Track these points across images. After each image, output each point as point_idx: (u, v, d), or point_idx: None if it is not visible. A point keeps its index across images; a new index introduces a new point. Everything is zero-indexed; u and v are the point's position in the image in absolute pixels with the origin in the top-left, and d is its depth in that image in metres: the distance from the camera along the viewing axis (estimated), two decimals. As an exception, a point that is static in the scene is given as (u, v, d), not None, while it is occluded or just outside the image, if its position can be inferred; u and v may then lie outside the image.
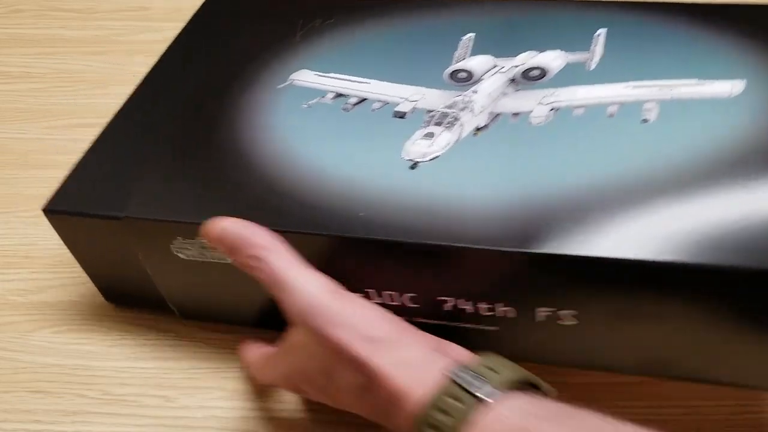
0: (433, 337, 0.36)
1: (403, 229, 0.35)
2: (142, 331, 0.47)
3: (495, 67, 0.44)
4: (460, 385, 0.30)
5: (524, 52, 0.45)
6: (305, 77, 0.46)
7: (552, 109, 0.40)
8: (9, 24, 0.73)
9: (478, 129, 0.40)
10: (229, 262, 0.38)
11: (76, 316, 0.48)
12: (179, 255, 0.40)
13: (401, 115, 0.42)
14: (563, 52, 0.44)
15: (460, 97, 0.42)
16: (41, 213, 0.42)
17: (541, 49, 0.45)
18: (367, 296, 0.38)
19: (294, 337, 0.37)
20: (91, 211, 0.41)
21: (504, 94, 0.42)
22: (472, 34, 0.47)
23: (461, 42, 0.46)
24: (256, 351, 0.42)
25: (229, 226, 0.36)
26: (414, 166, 0.38)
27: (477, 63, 0.44)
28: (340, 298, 0.35)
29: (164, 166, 0.42)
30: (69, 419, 0.43)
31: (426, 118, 0.41)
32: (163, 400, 0.44)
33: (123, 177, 0.42)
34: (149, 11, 0.74)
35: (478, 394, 0.30)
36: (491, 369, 0.32)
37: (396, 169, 0.38)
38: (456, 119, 0.40)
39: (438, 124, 0.40)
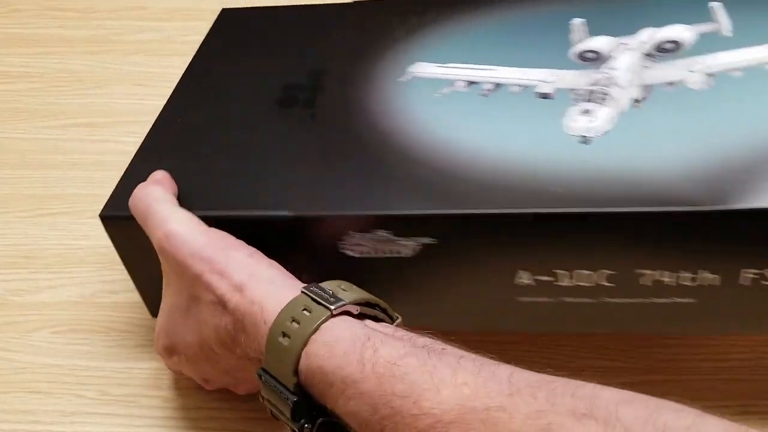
0: None
1: (601, 199, 0.35)
2: (141, 332, 0.47)
3: (620, 45, 0.44)
4: (312, 298, 0.33)
5: (641, 29, 0.44)
6: (426, 69, 0.46)
7: (708, 75, 0.40)
8: (9, 24, 0.73)
9: (636, 101, 0.40)
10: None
11: (76, 317, 0.48)
12: (348, 253, 0.39)
13: (546, 96, 0.41)
14: (687, 25, 0.44)
15: (599, 75, 0.42)
16: (41, 213, 0.42)
17: (658, 25, 0.44)
18: (556, 277, 0.37)
19: (164, 280, 0.39)
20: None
21: (645, 67, 0.42)
22: (582, 19, 0.46)
23: (573, 26, 0.46)
24: None
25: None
26: (586, 141, 0.38)
27: (602, 43, 0.44)
28: (203, 231, 0.37)
29: (313, 163, 0.41)
30: (68, 419, 0.43)
31: (572, 96, 0.41)
32: (161, 400, 0.44)
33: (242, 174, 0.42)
34: (148, 11, 0.74)
35: (327, 305, 0.32)
36: (343, 289, 0.34)
37: (567, 146, 0.38)
38: (606, 94, 0.40)
39: (589, 101, 0.40)
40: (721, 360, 0.45)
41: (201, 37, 0.52)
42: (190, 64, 0.51)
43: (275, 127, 0.44)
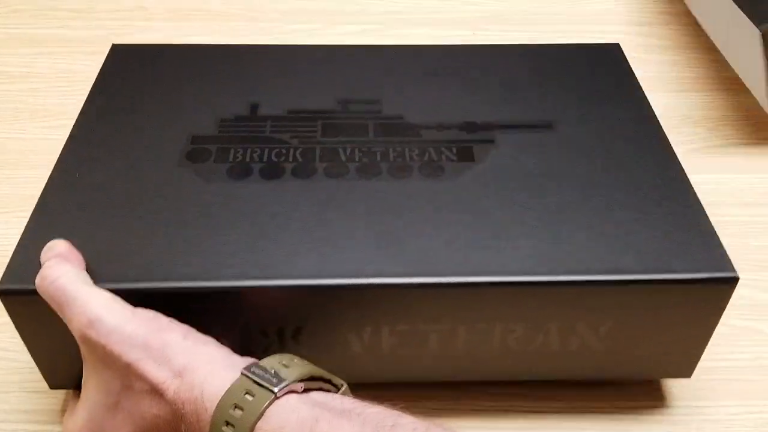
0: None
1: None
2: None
3: None
4: (254, 381, 0.31)
5: None
6: None
7: None
8: (9, 24, 0.73)
9: None
10: None
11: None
12: None
13: None
14: None
15: None
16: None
17: None
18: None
19: (85, 373, 0.35)
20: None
21: None
22: None
23: None
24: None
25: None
26: None
27: None
28: (131, 314, 0.34)
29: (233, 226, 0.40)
30: (68, 419, 0.43)
31: None
32: (162, 400, 0.44)
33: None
34: (148, 11, 0.74)
35: (270, 387, 0.31)
36: (284, 365, 0.32)
37: None
38: None
39: None
40: (721, 360, 0.45)
41: (201, 38, 0.52)
42: (84, 107, 0.47)
43: (187, 185, 0.42)
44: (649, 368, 0.41)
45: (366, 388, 0.34)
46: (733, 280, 0.37)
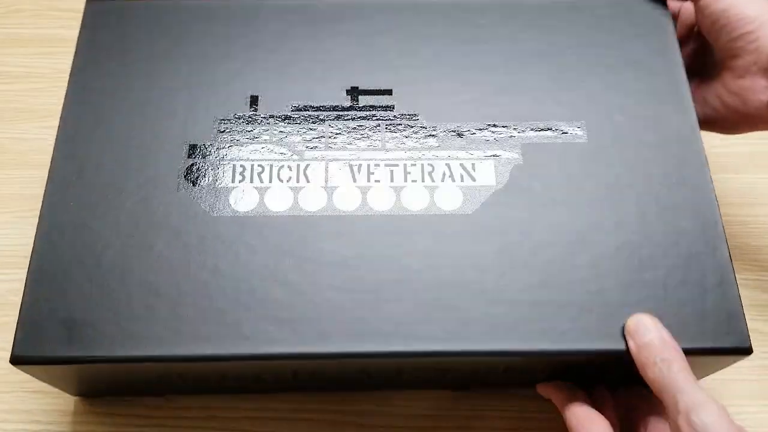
0: None
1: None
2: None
3: None
4: None
5: None
6: None
7: None
8: (9, 24, 0.72)
9: None
10: None
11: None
12: None
13: None
14: None
15: None
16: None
17: None
18: None
19: None
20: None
21: None
22: None
23: None
24: None
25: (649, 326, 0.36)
26: None
27: None
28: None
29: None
30: (68, 419, 0.43)
31: None
32: (162, 400, 0.44)
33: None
34: (149, 11, 0.74)
35: None
36: None
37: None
38: None
39: None
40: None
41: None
42: (67, 97, 0.44)
43: (189, 220, 0.39)
44: None
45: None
46: (746, 351, 0.37)
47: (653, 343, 0.36)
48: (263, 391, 0.44)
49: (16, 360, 0.36)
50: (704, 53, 0.48)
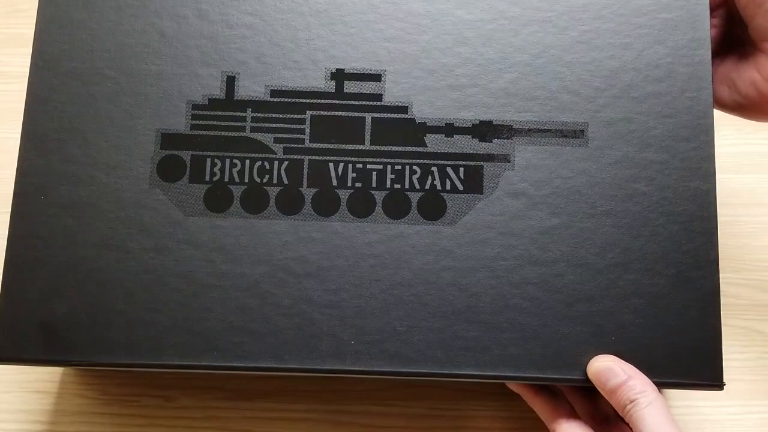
0: None
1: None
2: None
3: None
4: None
5: None
6: None
7: None
8: (9, 24, 0.72)
9: None
10: None
11: (76, 316, 0.48)
12: None
13: None
14: None
15: None
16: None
17: None
18: None
19: None
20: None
21: None
22: None
23: None
24: None
25: (611, 367, 0.37)
26: None
27: None
28: None
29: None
30: (68, 419, 0.43)
31: None
32: (161, 400, 0.44)
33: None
34: (149, 11, 0.74)
35: None
36: None
37: None
38: None
39: None
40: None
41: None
42: (30, 81, 0.42)
43: (162, 220, 0.38)
44: None
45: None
46: (719, 387, 0.37)
47: (618, 388, 0.36)
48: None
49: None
50: (737, 29, 0.43)
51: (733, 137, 0.48)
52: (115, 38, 0.40)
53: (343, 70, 0.39)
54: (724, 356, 0.45)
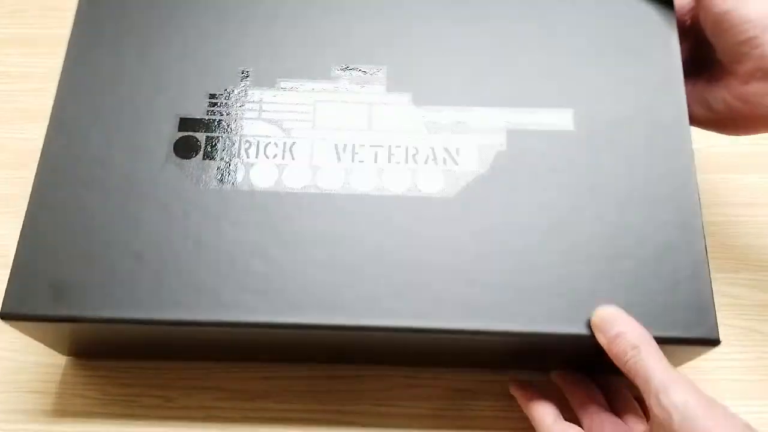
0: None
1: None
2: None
3: None
4: None
5: None
6: None
7: None
8: (9, 24, 0.72)
9: None
10: None
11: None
12: None
13: None
14: None
15: None
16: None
17: None
18: None
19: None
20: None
21: None
22: None
23: None
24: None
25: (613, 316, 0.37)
26: None
27: None
28: (710, 406, 0.34)
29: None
30: (68, 419, 0.43)
31: None
32: (163, 400, 0.44)
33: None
34: (149, 11, 0.74)
35: None
36: None
37: None
38: None
39: None
40: (721, 360, 0.45)
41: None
42: (63, 72, 0.45)
43: (175, 190, 0.40)
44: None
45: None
46: (714, 342, 0.38)
47: (621, 334, 0.36)
48: (245, 359, 0.45)
49: (3, 316, 0.38)
50: (707, 52, 0.46)
51: (733, 137, 0.48)
52: (140, 39, 0.45)
53: (348, 64, 0.43)
54: (724, 356, 0.45)
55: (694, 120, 0.46)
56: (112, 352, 0.45)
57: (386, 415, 0.44)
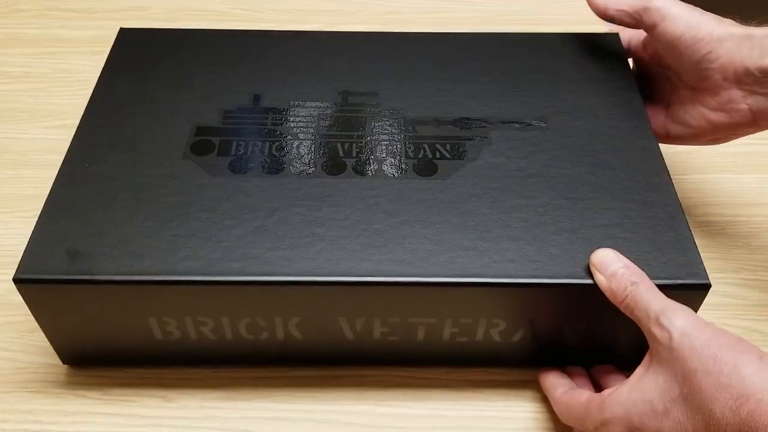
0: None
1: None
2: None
3: None
4: None
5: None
6: None
7: None
8: (9, 24, 0.73)
9: None
10: None
11: (76, 316, 0.48)
12: None
13: None
14: None
15: None
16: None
17: None
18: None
19: (647, 372, 0.37)
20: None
21: None
22: None
23: None
24: (565, 387, 0.42)
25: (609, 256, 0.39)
26: None
27: None
28: (707, 324, 0.35)
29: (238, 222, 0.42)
30: (68, 419, 0.43)
31: None
32: (163, 400, 0.44)
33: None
34: (148, 11, 0.75)
35: None
36: None
37: None
38: None
39: None
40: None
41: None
42: (93, 94, 0.49)
43: (192, 178, 0.44)
44: (628, 363, 0.42)
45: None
46: (705, 287, 0.39)
47: (620, 271, 0.38)
48: (248, 361, 0.45)
49: (18, 281, 0.39)
50: (673, 77, 0.49)
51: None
52: (164, 73, 0.51)
53: (348, 90, 0.50)
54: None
55: (677, 139, 0.49)
56: (111, 358, 0.45)
57: (386, 415, 0.44)
